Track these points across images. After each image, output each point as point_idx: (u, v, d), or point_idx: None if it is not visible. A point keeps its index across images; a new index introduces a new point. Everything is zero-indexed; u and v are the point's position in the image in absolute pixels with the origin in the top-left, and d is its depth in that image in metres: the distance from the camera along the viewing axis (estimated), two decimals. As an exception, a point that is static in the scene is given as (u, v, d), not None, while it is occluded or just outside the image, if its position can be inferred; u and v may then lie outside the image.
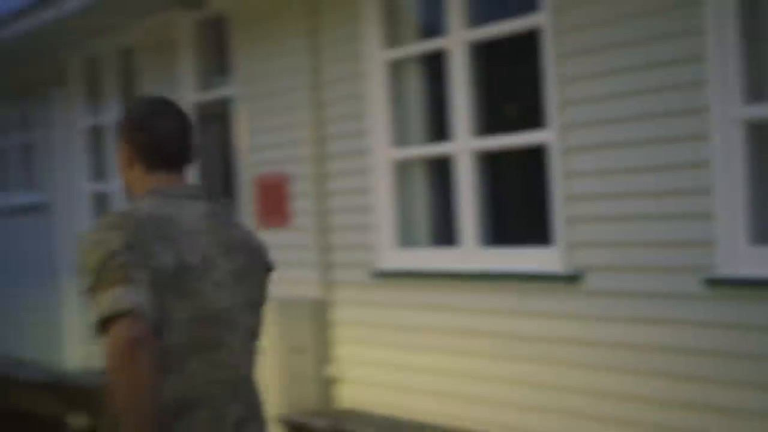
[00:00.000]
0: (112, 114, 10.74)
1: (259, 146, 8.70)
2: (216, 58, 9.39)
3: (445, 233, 7.31)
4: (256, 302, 3.24)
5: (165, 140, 3.20)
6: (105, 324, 2.78)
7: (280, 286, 8.44)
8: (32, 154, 12.53)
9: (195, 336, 3.03)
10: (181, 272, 2.98)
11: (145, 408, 2.80)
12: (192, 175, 9.52)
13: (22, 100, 12.69)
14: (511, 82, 7.07)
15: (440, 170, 7.35)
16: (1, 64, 12.05)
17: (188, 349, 3.02)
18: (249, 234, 3.34)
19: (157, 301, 2.89)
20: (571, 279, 6.07)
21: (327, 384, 8.00)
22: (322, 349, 8.04)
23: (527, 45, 6.39)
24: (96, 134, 11.29)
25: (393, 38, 7.53)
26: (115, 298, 2.82)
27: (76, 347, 11.38)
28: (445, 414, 6.97)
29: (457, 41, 6.87)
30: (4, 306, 12.84)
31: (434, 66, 7.29)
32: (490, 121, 6.89)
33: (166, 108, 3.32)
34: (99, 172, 11.27)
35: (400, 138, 7.52)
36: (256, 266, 3.25)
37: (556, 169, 6.14)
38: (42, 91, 11.98)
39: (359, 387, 7.84)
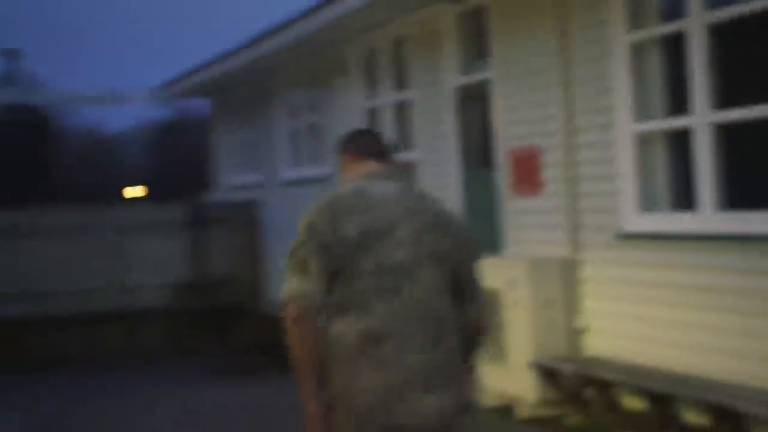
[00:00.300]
0: (386, 98, 11.09)
1: (513, 122, 8.74)
2: (475, 46, 9.45)
3: (684, 199, 7.22)
4: (439, 257, 3.61)
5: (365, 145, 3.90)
6: (283, 304, 3.56)
7: (530, 246, 8.68)
8: (319, 133, 12.80)
9: (378, 284, 3.53)
10: (367, 235, 3.53)
11: (306, 359, 3.56)
12: (452, 150, 9.82)
13: (310, 88, 13.02)
14: (747, 60, 6.95)
15: (679, 141, 7.25)
16: (292, 59, 12.54)
17: (373, 294, 3.54)
18: (435, 203, 3.79)
19: (336, 269, 3.52)
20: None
21: (574, 334, 8.01)
22: (571, 302, 8.03)
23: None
24: (372, 115, 11.51)
25: (635, 22, 7.44)
26: (291, 286, 3.57)
27: None
28: (684, 363, 6.92)
29: (696, 23, 6.75)
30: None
31: (674, 46, 7.19)
32: (727, 95, 6.74)
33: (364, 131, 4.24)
34: None
35: (642, 113, 7.43)
36: (440, 228, 3.66)
37: None
38: (326, 79, 12.31)
39: (604, 337, 7.83)
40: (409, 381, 3.53)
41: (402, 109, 10.87)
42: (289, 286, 3.58)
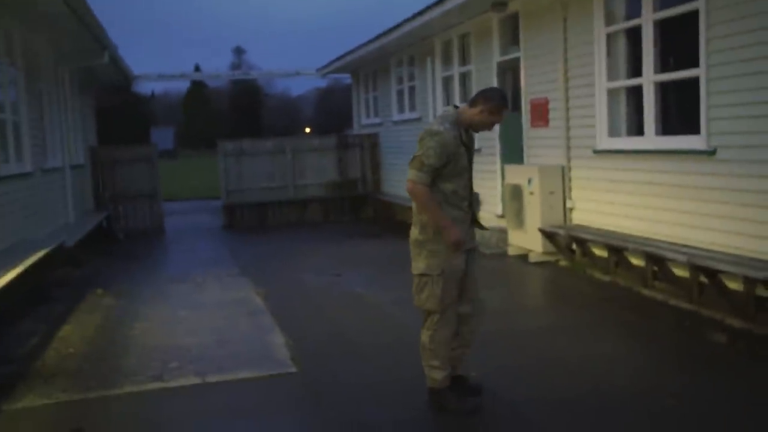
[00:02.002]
0: (456, 70, 10.99)
1: (532, 83, 8.70)
2: (510, 36, 9.37)
3: (636, 128, 7.16)
4: (472, 160, 3.97)
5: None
6: (410, 180, 3.82)
7: (541, 158, 8.75)
8: (413, 93, 12.73)
9: (456, 172, 3.84)
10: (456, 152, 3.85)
11: (433, 204, 3.80)
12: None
13: (410, 64, 12.93)
14: (676, 43, 6.81)
15: (634, 94, 7.13)
16: (401, 46, 12.46)
17: (453, 176, 3.85)
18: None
19: (442, 167, 3.78)
20: (710, 153, 5.92)
21: (566, 211, 8.05)
22: (564, 192, 8.06)
23: None
24: (447, 81, 11.44)
25: (610, 19, 7.31)
26: (416, 173, 3.81)
27: None
28: (632, 228, 6.96)
29: (647, 20, 6.56)
30: (405, 170, 13.17)
31: (633, 34, 7.03)
32: (663, 65, 6.62)
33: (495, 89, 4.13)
34: (449, 100, 11.31)
35: (612, 76, 7.31)
36: (472, 147, 3.99)
37: (703, 93, 5.92)
38: (421, 59, 12.23)
39: (583, 213, 7.86)
40: (463, 216, 3.95)
41: (465, 77, 10.87)
42: (415, 171, 3.80)
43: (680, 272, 6.08)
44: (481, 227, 4.17)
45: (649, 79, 6.68)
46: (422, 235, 3.90)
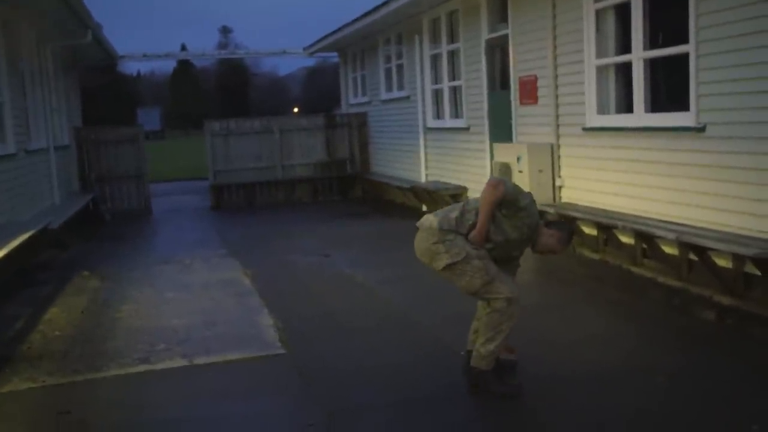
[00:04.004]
0: (444, 48, 10.88)
1: (521, 60, 8.59)
2: (499, 13, 9.24)
3: (625, 105, 7.09)
4: (522, 250, 4.09)
5: None
6: (502, 182, 3.75)
7: (530, 136, 8.70)
8: (401, 71, 12.62)
9: (513, 231, 3.84)
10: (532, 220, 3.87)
11: (491, 208, 3.74)
12: (483, 78, 9.72)
13: (398, 42, 12.79)
14: (664, 21, 6.75)
15: (622, 70, 7.08)
16: (388, 25, 12.31)
17: (509, 233, 3.83)
18: None
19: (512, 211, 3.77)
20: (699, 130, 5.88)
21: (555, 189, 8.00)
22: (554, 170, 7.99)
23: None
24: (436, 60, 11.35)
25: None
26: (507, 182, 3.78)
27: (424, 171, 11.78)
28: (620, 205, 6.90)
29: None
30: (394, 149, 13.28)
31: (621, 11, 6.94)
32: (652, 41, 6.56)
33: None
34: (438, 78, 11.33)
35: (600, 53, 7.22)
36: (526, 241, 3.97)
37: (692, 69, 5.85)
38: (408, 37, 12.10)
39: (572, 191, 7.80)
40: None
41: (453, 55, 10.77)
42: (509, 183, 3.78)
43: (669, 250, 6.06)
44: None
45: (639, 55, 6.61)
46: (439, 225, 3.83)
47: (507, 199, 3.75)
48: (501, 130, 9.25)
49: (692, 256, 5.74)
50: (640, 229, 6.17)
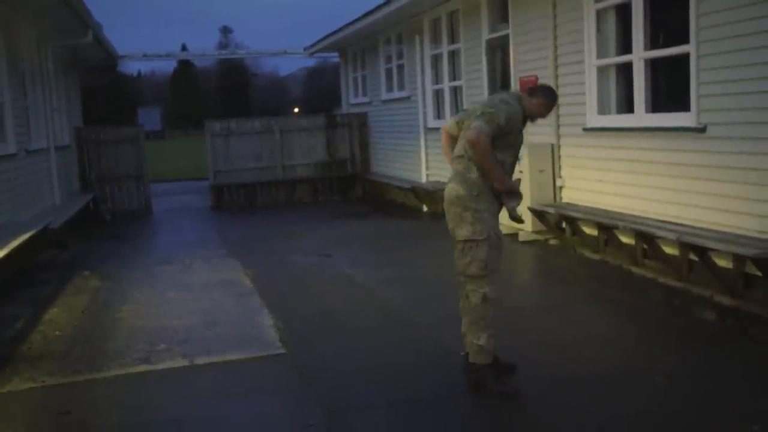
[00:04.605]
0: (444, 48, 10.90)
1: (521, 60, 8.61)
2: (499, 14, 9.27)
3: (625, 106, 7.10)
4: (521, 142, 4.07)
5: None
6: (476, 128, 3.76)
7: (531, 137, 8.71)
8: (402, 71, 12.64)
9: (508, 144, 3.91)
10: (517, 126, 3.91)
11: (491, 159, 3.80)
12: (484, 79, 9.72)
13: (398, 42, 12.79)
14: (665, 21, 6.77)
15: (623, 71, 7.08)
16: (389, 25, 12.32)
17: (506, 147, 3.89)
18: None
19: (502, 134, 3.81)
20: (700, 130, 5.88)
21: (556, 189, 8.01)
22: (554, 170, 8.01)
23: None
24: (436, 60, 11.38)
25: None
26: (484, 124, 3.77)
27: (425, 171, 11.80)
28: (620, 206, 6.93)
29: None
30: (395, 149, 13.30)
31: (622, 12, 6.97)
32: (653, 42, 6.58)
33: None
34: (438, 79, 11.38)
35: (601, 53, 7.26)
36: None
37: (693, 70, 5.85)
38: (409, 37, 12.11)
39: (573, 191, 7.83)
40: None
41: (454, 55, 10.77)
42: (484, 127, 3.76)
43: (670, 250, 6.06)
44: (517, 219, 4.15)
45: (639, 56, 6.61)
46: (467, 191, 3.86)
47: (494, 137, 3.82)
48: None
49: (693, 257, 5.74)
50: (641, 229, 6.18)
